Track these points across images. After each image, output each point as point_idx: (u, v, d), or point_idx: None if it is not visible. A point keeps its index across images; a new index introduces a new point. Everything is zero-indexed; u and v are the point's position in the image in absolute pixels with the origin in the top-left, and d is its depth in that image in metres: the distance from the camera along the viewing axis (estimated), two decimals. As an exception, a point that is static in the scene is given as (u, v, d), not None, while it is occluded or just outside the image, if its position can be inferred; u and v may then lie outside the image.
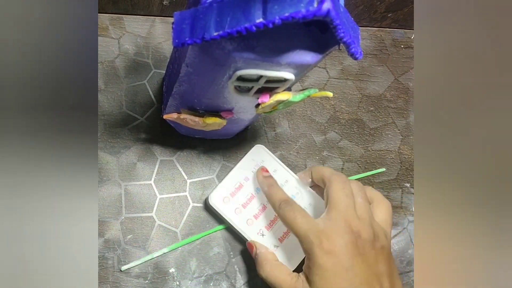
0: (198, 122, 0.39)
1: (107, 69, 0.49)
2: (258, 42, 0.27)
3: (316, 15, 0.23)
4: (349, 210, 0.36)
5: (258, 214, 0.45)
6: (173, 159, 0.48)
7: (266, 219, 0.45)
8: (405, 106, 0.58)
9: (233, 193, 0.45)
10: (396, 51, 0.60)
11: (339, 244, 0.34)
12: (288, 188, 0.45)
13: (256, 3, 0.24)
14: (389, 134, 0.56)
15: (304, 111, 0.54)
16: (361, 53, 0.28)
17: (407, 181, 0.55)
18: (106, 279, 0.44)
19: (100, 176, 0.46)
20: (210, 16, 0.25)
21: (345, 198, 0.36)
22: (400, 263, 0.52)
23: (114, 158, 0.47)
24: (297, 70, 0.30)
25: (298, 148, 0.52)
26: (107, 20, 0.51)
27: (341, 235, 0.34)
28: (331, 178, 0.38)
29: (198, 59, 0.30)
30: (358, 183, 0.40)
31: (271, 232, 0.44)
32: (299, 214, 0.37)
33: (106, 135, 0.47)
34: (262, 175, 0.44)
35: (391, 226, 0.39)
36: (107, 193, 0.46)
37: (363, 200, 0.37)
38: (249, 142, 0.51)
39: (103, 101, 0.48)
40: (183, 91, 0.36)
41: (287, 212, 0.37)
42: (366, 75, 0.57)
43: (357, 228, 0.35)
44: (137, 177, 0.47)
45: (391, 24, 0.59)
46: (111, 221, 0.45)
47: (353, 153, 0.54)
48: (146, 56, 0.50)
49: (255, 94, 0.33)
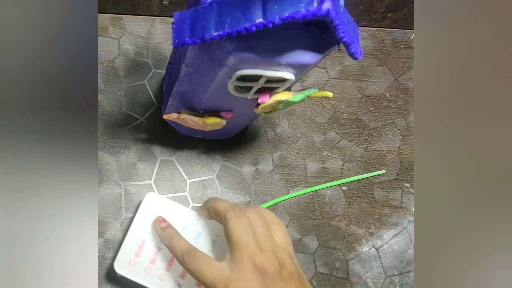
0: (198, 122, 0.39)
1: (107, 69, 0.49)
2: (258, 42, 0.27)
3: (316, 15, 0.23)
4: (250, 246, 0.35)
5: (169, 266, 0.41)
6: (173, 159, 0.48)
7: (179, 268, 0.41)
8: (405, 106, 0.58)
9: (137, 252, 0.41)
10: (396, 51, 0.60)
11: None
12: (191, 229, 0.42)
13: (256, 3, 0.24)
14: (389, 134, 0.56)
15: (304, 111, 0.54)
16: (361, 53, 0.28)
17: (407, 181, 0.55)
18: (106, 279, 0.43)
19: (100, 176, 0.46)
20: (210, 16, 0.25)
21: (244, 235, 0.35)
22: (400, 263, 0.52)
23: (114, 158, 0.47)
24: (297, 70, 0.30)
25: (298, 148, 0.52)
26: (107, 20, 0.51)
27: (248, 278, 0.34)
28: (226, 215, 0.37)
29: (198, 59, 0.30)
30: (254, 209, 0.38)
31: (186, 281, 0.41)
32: (203, 265, 0.35)
33: (106, 135, 0.47)
34: (160, 227, 0.41)
35: (291, 243, 0.38)
36: (107, 193, 0.46)
37: (263, 228, 0.36)
38: (249, 142, 0.51)
39: (103, 101, 0.48)
40: (183, 91, 0.37)
41: (191, 265, 0.36)
42: (366, 75, 0.57)
43: (262, 264, 0.34)
44: (137, 177, 0.47)
45: (391, 24, 0.59)
46: (111, 221, 0.45)
47: (353, 153, 0.54)
48: (146, 56, 0.50)
49: (255, 94, 0.33)
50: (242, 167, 0.50)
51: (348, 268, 0.50)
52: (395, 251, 0.52)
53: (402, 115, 0.57)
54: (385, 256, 0.52)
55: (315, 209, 0.51)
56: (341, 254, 0.50)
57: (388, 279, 0.51)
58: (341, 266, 0.50)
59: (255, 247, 0.35)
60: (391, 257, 0.52)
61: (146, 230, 0.42)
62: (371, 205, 0.53)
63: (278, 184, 0.51)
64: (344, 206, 0.52)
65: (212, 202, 0.39)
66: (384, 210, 0.53)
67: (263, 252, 0.35)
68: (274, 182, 0.51)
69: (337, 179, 0.53)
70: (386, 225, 0.53)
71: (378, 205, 0.53)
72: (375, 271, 0.51)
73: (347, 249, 0.51)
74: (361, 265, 0.51)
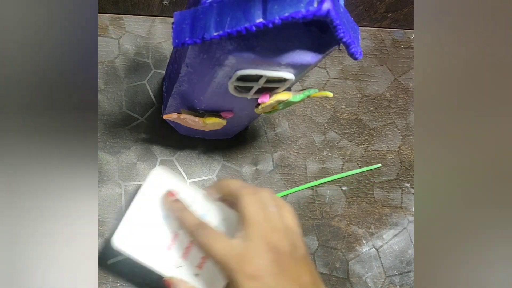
0: (198, 122, 0.39)
1: (107, 69, 0.49)
2: (258, 42, 0.27)
3: (316, 15, 0.23)
4: (264, 224, 0.34)
5: (171, 244, 0.39)
6: (173, 159, 0.48)
7: (181, 247, 0.39)
8: (405, 106, 0.58)
9: (139, 227, 0.39)
10: (396, 51, 0.60)
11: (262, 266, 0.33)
12: (196, 208, 0.40)
13: (256, 3, 0.24)
14: (389, 134, 0.56)
15: (304, 111, 0.54)
16: (361, 53, 0.28)
17: (407, 181, 0.55)
18: (106, 279, 0.43)
19: (100, 176, 0.46)
20: (210, 16, 0.25)
21: (258, 212, 0.35)
22: (400, 263, 0.52)
23: (114, 158, 0.47)
24: (297, 70, 0.30)
25: (298, 148, 0.52)
26: (107, 20, 0.51)
27: (262, 256, 0.33)
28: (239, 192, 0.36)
29: (198, 59, 0.30)
30: (267, 190, 0.37)
31: (188, 261, 0.39)
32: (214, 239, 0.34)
33: (106, 135, 0.47)
34: (169, 200, 0.39)
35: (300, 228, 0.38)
36: (107, 193, 0.46)
37: (276, 208, 0.36)
38: (249, 142, 0.51)
39: (103, 101, 0.48)
40: (183, 91, 0.37)
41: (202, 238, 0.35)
42: (366, 75, 0.57)
43: (275, 243, 0.34)
44: (137, 177, 0.47)
45: (391, 24, 0.59)
46: (111, 221, 0.45)
47: (353, 153, 0.54)
48: (146, 56, 0.50)
49: (255, 94, 0.33)
50: (242, 167, 0.50)
51: (348, 268, 0.50)
52: (395, 251, 0.52)
53: (402, 115, 0.57)
54: (385, 256, 0.52)
55: (315, 209, 0.51)
56: (341, 254, 0.50)
57: (388, 279, 0.51)
58: (341, 266, 0.50)
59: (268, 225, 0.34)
60: (391, 257, 0.52)
61: (150, 204, 0.40)
62: (371, 205, 0.53)
63: (278, 184, 0.51)
64: (344, 206, 0.52)
65: (225, 180, 0.39)
66: (384, 210, 0.53)
67: (276, 232, 0.34)
68: (274, 182, 0.51)
69: (337, 180, 0.53)
70: (386, 225, 0.53)
71: (378, 205, 0.53)
72: (375, 271, 0.51)
73: (347, 249, 0.51)
74: (361, 265, 0.51)
